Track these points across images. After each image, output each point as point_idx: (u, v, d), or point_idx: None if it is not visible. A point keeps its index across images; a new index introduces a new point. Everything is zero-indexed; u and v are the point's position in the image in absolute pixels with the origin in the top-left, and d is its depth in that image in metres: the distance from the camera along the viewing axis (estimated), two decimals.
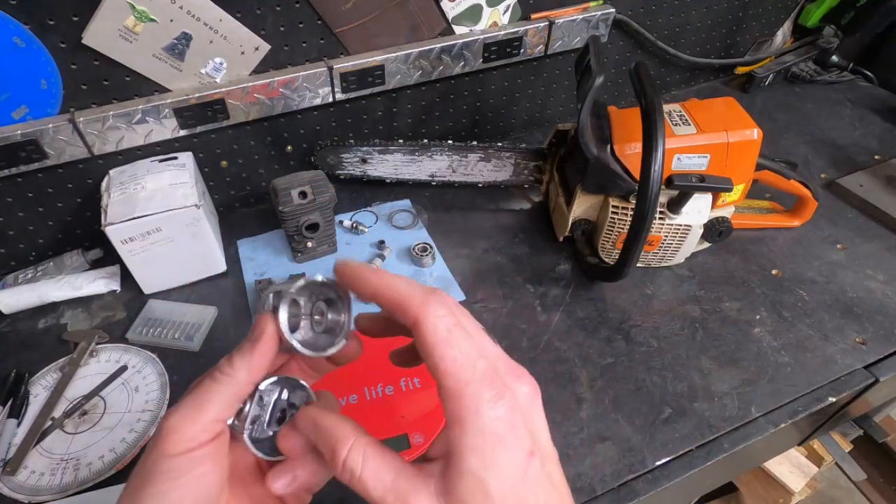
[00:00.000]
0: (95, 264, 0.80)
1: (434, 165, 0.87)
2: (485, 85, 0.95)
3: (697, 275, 0.78)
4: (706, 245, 0.79)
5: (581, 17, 0.91)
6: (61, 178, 0.74)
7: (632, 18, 0.98)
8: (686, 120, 0.71)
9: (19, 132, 0.66)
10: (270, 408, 0.30)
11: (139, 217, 0.67)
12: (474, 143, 0.85)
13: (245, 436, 0.29)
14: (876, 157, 0.98)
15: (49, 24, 0.63)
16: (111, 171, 0.74)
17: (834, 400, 0.65)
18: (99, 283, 0.75)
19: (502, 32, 0.87)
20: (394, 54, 0.81)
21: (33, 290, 0.73)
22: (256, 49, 0.75)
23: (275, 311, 0.29)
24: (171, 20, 0.67)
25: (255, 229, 0.86)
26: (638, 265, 0.78)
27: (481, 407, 0.25)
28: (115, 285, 0.76)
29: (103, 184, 0.73)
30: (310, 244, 0.78)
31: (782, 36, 1.19)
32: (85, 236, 0.81)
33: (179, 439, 0.26)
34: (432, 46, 0.83)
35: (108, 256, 0.79)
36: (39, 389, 0.65)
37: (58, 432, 0.61)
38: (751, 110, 0.72)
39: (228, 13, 0.70)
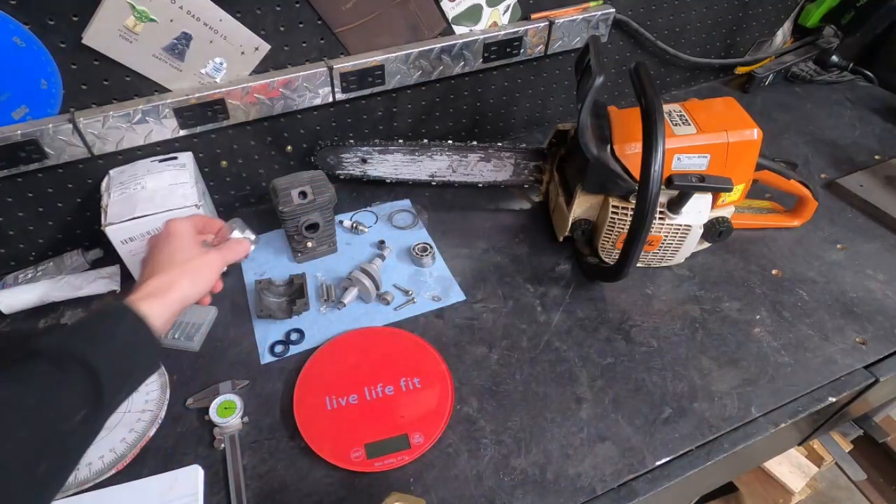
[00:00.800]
0: (95, 264, 0.80)
1: (434, 165, 0.87)
2: (485, 85, 0.95)
3: (697, 275, 0.78)
4: (706, 245, 0.79)
5: (581, 17, 0.91)
6: (61, 178, 0.74)
7: (632, 18, 0.98)
8: (686, 120, 0.71)
9: (19, 132, 0.66)
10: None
11: (139, 217, 0.67)
12: (474, 143, 0.85)
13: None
14: (876, 157, 0.98)
15: (49, 24, 0.63)
16: (111, 171, 0.74)
17: (834, 400, 0.65)
18: (99, 283, 0.75)
19: (502, 32, 0.87)
20: (394, 54, 0.81)
21: (33, 290, 0.73)
22: (256, 49, 0.75)
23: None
24: (171, 20, 0.67)
25: (255, 229, 0.85)
26: (638, 265, 0.78)
27: None
28: (115, 285, 0.76)
29: (103, 184, 0.73)
30: (310, 244, 0.78)
31: (782, 36, 1.19)
32: (85, 236, 0.81)
33: (196, 237, 0.57)
34: (432, 46, 0.83)
35: (108, 256, 0.79)
36: None
37: None
38: (751, 110, 0.72)
39: (228, 13, 0.70)
